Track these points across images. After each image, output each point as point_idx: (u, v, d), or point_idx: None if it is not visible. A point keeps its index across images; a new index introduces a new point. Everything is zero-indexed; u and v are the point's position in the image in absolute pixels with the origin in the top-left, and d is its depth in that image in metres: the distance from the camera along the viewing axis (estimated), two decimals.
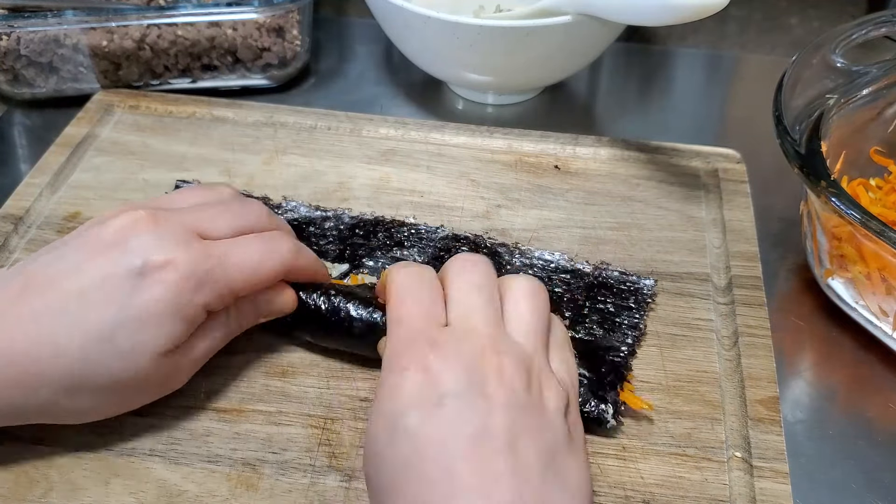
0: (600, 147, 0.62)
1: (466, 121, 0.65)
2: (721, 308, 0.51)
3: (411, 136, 0.63)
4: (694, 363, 0.47)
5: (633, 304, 0.49)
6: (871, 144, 0.55)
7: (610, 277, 0.51)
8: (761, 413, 0.45)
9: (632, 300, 0.49)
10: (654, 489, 0.41)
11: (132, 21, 0.63)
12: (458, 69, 0.65)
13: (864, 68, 0.54)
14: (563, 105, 0.71)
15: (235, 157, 0.61)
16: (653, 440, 0.44)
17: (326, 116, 0.64)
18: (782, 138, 0.49)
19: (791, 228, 0.57)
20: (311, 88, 0.72)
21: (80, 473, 0.42)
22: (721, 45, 0.80)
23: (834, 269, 0.50)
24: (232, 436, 0.43)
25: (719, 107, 0.73)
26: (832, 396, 0.48)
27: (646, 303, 0.49)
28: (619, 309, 0.49)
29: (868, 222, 0.43)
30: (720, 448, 0.43)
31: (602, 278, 0.50)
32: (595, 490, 0.41)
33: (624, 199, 0.58)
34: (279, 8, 0.65)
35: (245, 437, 0.43)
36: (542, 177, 0.60)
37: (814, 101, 0.52)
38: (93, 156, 0.60)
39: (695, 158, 0.61)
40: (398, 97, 0.71)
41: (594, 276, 0.51)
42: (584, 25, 0.59)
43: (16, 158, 0.64)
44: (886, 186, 0.54)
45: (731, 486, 0.42)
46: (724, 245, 0.54)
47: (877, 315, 0.49)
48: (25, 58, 0.64)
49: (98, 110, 0.64)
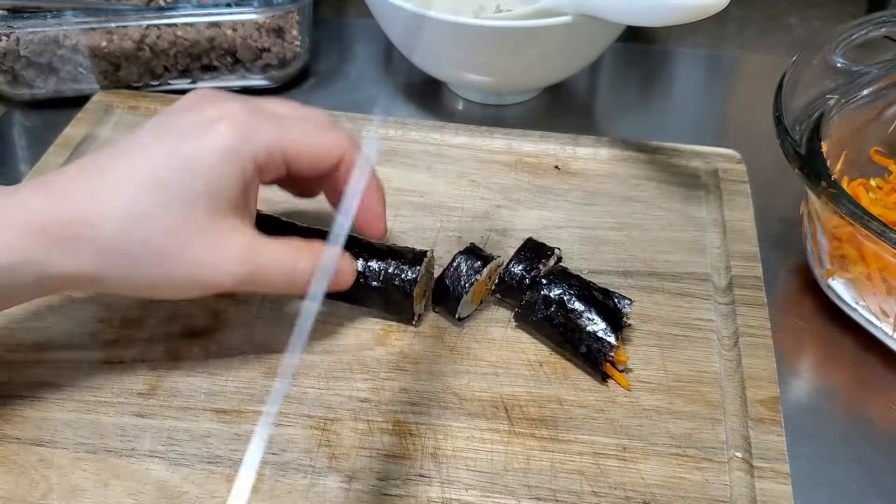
0: (600, 147, 0.62)
1: (466, 121, 0.64)
2: (721, 308, 0.51)
3: (411, 137, 0.63)
4: (694, 363, 0.47)
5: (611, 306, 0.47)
6: (871, 145, 0.55)
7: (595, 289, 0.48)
8: (762, 413, 0.44)
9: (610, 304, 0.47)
10: (655, 490, 0.41)
11: (132, 22, 0.63)
12: (458, 70, 0.65)
13: (864, 68, 0.54)
14: (563, 105, 0.71)
15: None
16: (653, 440, 0.44)
17: None
18: (783, 138, 0.49)
19: (791, 229, 0.57)
20: (310, 89, 0.72)
21: (79, 475, 0.41)
22: (721, 46, 0.80)
23: (834, 269, 0.50)
24: (232, 437, 0.43)
25: (719, 107, 0.73)
26: (833, 397, 0.48)
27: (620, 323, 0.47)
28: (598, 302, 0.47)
29: (869, 223, 0.43)
30: (721, 448, 0.43)
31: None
32: (595, 491, 0.41)
33: (624, 199, 0.58)
34: (279, 8, 0.65)
35: (245, 438, 0.43)
36: (542, 177, 0.60)
37: (814, 102, 0.52)
38: None
39: (695, 158, 0.61)
40: (398, 97, 0.71)
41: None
42: (583, 26, 0.58)
43: (15, 159, 0.64)
44: (887, 187, 0.54)
45: (732, 487, 0.42)
46: (725, 245, 0.54)
47: (877, 315, 0.49)
48: (25, 58, 0.64)
49: (97, 111, 0.64)
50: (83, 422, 0.44)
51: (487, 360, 0.47)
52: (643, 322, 0.49)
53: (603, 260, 0.53)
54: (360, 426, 0.44)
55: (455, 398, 0.45)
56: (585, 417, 0.44)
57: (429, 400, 0.45)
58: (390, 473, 0.42)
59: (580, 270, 0.52)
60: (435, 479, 0.42)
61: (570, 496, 0.41)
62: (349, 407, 0.45)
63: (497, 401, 0.45)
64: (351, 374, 0.46)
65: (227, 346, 0.44)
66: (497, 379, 0.46)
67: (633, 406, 0.45)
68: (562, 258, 0.51)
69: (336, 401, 0.45)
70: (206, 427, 0.44)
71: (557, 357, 0.47)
